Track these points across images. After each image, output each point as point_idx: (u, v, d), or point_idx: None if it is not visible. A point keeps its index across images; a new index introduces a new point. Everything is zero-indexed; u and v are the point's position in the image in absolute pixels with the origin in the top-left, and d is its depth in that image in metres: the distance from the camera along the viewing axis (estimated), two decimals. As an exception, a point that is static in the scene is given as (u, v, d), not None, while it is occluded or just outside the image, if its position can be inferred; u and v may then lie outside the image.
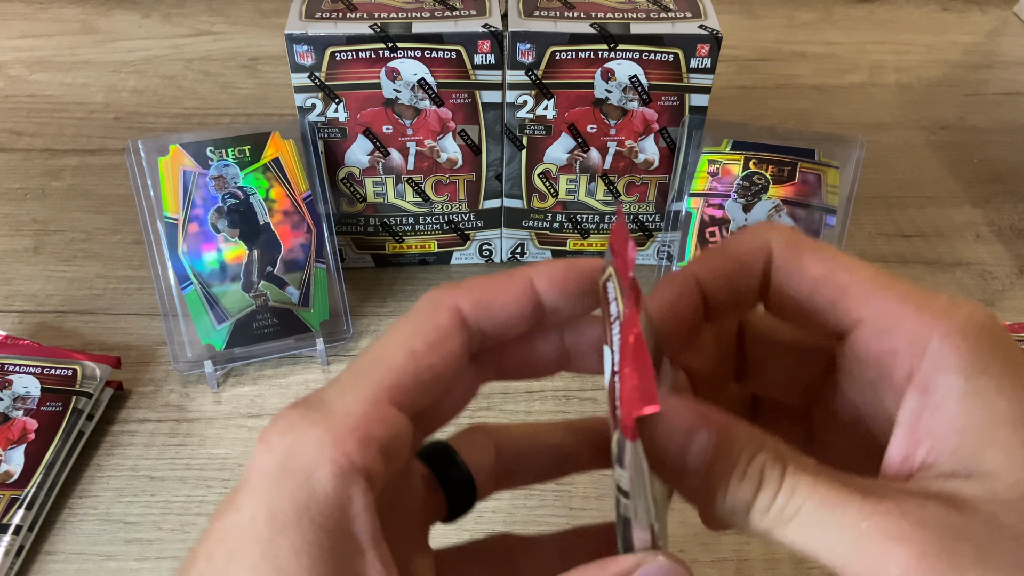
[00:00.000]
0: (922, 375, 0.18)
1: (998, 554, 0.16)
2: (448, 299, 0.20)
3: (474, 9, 0.43)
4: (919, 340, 0.18)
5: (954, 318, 0.18)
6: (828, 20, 0.75)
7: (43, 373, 0.41)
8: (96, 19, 0.72)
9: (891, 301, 0.18)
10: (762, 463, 0.17)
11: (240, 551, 0.17)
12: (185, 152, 0.43)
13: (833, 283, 0.19)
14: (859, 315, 0.19)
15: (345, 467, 0.17)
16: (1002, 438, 0.17)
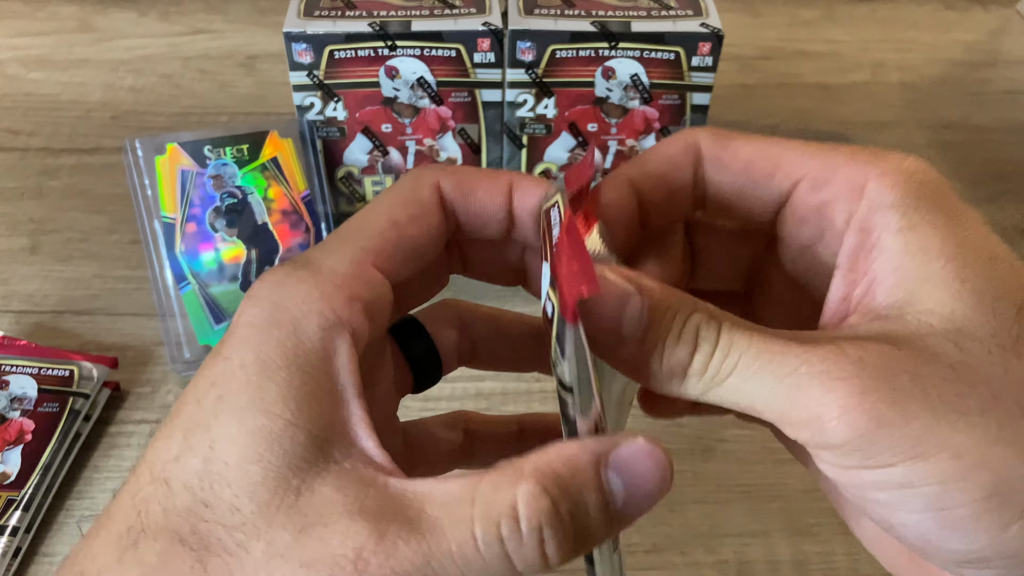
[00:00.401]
0: (859, 216, 0.18)
1: (936, 384, 0.16)
2: (432, 176, 0.21)
3: (474, 7, 0.43)
4: (856, 183, 0.18)
5: (889, 161, 0.18)
6: (830, 18, 0.75)
7: (40, 374, 0.41)
8: (93, 17, 0.71)
9: (826, 157, 0.19)
10: (697, 323, 0.18)
11: (229, 395, 0.17)
12: (183, 151, 0.43)
13: (766, 157, 0.19)
14: (796, 175, 0.19)
15: (331, 320, 0.18)
16: (935, 271, 0.17)
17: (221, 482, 0.17)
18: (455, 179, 0.21)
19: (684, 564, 0.37)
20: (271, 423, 0.17)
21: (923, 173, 0.18)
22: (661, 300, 0.18)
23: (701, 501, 0.39)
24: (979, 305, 0.17)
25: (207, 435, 0.17)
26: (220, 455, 0.17)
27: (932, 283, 0.17)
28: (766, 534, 0.38)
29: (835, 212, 0.18)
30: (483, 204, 0.21)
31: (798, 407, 0.17)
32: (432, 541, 0.16)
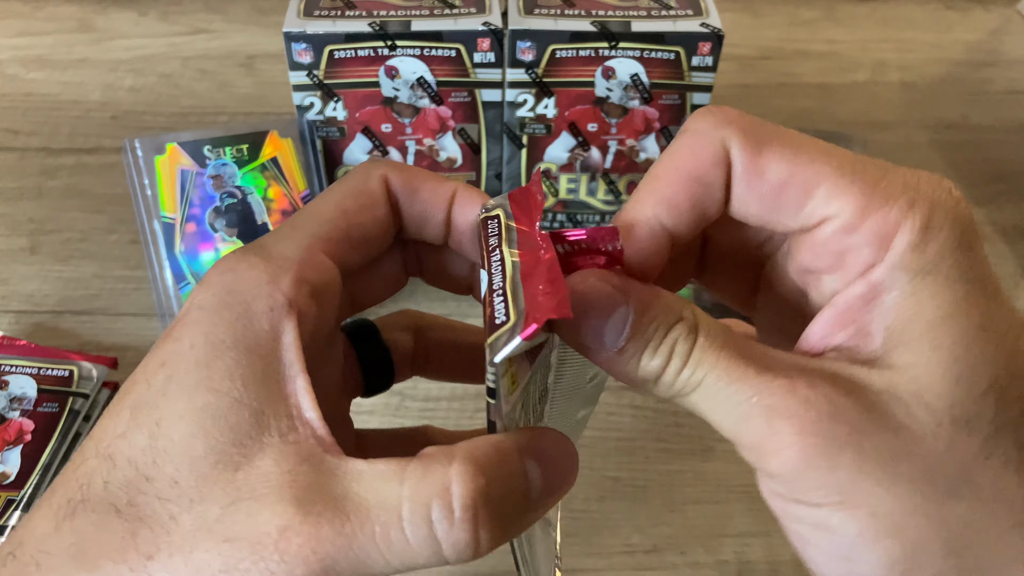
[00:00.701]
0: (877, 270, 0.18)
1: (873, 442, 0.16)
2: (381, 169, 0.21)
3: (474, 7, 0.43)
4: (884, 235, 0.17)
5: (916, 214, 0.17)
6: (830, 18, 0.74)
7: (39, 374, 0.41)
8: (93, 17, 0.71)
9: (860, 197, 0.18)
10: (675, 338, 0.18)
11: (178, 374, 0.18)
12: (182, 151, 0.43)
13: (798, 183, 0.18)
14: (827, 212, 0.18)
15: (280, 302, 0.18)
16: (915, 337, 0.17)
17: (164, 457, 0.17)
18: (403, 176, 0.21)
19: (684, 564, 0.37)
20: (218, 400, 0.18)
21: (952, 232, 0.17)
22: (647, 309, 0.18)
23: (701, 501, 0.39)
24: (945, 376, 0.17)
25: (154, 412, 0.18)
26: (166, 431, 0.17)
27: (910, 346, 0.17)
28: (766, 534, 0.38)
29: (856, 258, 0.18)
30: (424, 205, 0.21)
31: (745, 432, 0.17)
32: (356, 522, 0.16)
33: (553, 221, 0.49)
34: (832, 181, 0.18)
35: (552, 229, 0.19)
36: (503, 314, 0.18)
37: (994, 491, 0.16)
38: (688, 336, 0.18)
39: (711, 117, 0.19)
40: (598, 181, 0.47)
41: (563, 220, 0.49)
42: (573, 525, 0.38)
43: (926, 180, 0.18)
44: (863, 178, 0.18)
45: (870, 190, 0.18)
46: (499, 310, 0.18)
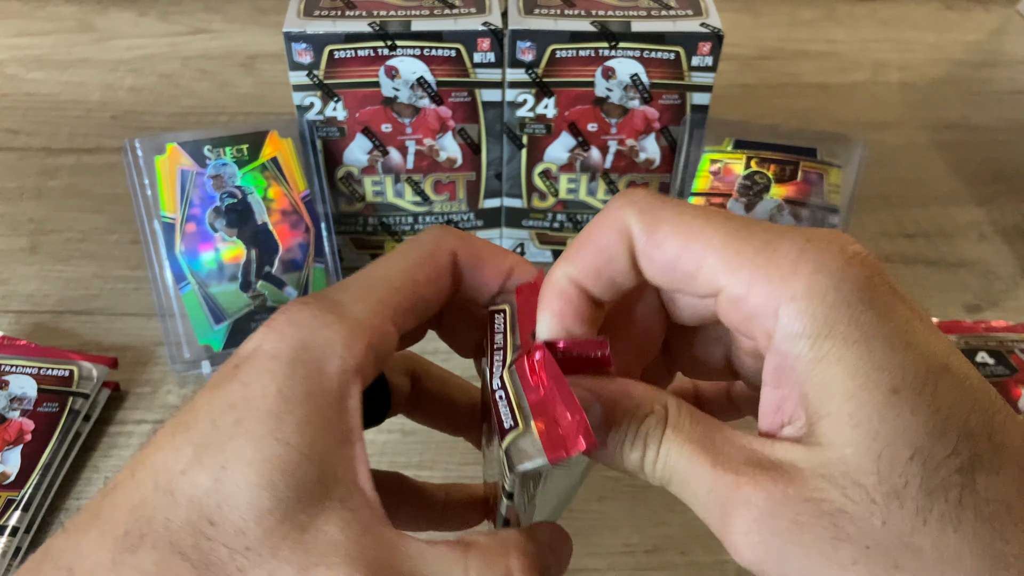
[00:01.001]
0: (775, 341, 0.18)
1: (815, 532, 0.17)
2: (450, 242, 0.22)
3: (474, 7, 0.43)
4: (770, 306, 0.18)
5: (800, 277, 0.17)
6: (831, 18, 0.74)
7: (40, 374, 0.41)
8: (93, 17, 0.71)
9: (742, 268, 0.18)
10: (646, 431, 0.19)
11: (248, 420, 0.18)
12: (182, 151, 0.43)
13: (689, 257, 0.19)
14: (716, 285, 0.19)
15: (351, 365, 0.19)
16: (834, 409, 0.17)
17: (230, 503, 0.17)
18: (471, 250, 0.22)
19: (684, 564, 0.37)
20: (287, 454, 0.18)
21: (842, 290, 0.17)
22: (616, 405, 0.19)
23: (701, 501, 0.39)
24: (869, 451, 0.17)
25: (220, 455, 0.18)
26: (232, 477, 0.17)
27: (830, 420, 0.17)
28: (766, 534, 0.38)
29: (755, 329, 0.18)
30: (486, 279, 0.23)
31: (710, 523, 0.19)
32: None
33: (553, 221, 0.49)
34: (718, 254, 0.18)
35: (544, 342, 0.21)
36: (510, 419, 0.19)
37: (936, 553, 0.16)
38: (657, 427, 0.19)
39: (620, 199, 0.20)
40: (598, 181, 0.47)
41: (563, 220, 0.49)
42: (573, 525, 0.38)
43: (816, 242, 0.18)
44: (748, 248, 0.18)
45: (752, 261, 0.18)
46: (505, 414, 0.19)
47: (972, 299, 0.49)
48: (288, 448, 0.18)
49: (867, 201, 0.55)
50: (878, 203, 0.56)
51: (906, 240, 0.53)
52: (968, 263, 0.52)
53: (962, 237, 0.54)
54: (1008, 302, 0.49)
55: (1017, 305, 0.49)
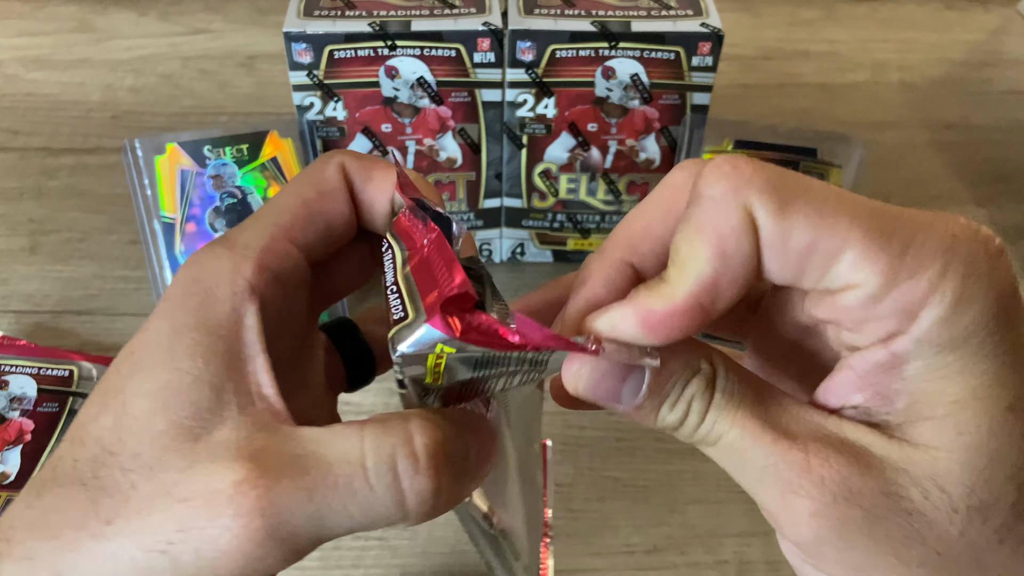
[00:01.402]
0: (900, 342, 0.17)
1: (886, 524, 0.16)
2: (337, 158, 0.22)
3: (474, 7, 0.43)
4: (911, 308, 0.16)
5: (949, 287, 0.16)
6: (831, 18, 0.74)
7: (39, 374, 0.41)
8: (93, 17, 0.71)
9: (884, 266, 0.16)
10: (691, 394, 0.18)
11: (144, 357, 0.19)
12: (182, 151, 0.43)
13: (824, 249, 0.17)
14: (853, 279, 0.17)
15: (241, 286, 0.19)
16: (939, 416, 0.17)
17: (127, 433, 0.18)
18: (359, 163, 0.22)
19: (684, 564, 0.37)
20: (179, 378, 0.18)
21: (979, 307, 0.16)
22: (663, 367, 0.18)
23: (701, 501, 0.39)
24: (967, 463, 0.16)
25: (121, 395, 0.19)
26: (131, 410, 0.18)
27: (931, 425, 0.17)
28: (766, 534, 0.38)
29: (878, 327, 0.17)
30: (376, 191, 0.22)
31: (762, 498, 0.18)
32: (317, 475, 0.17)
33: (553, 221, 0.49)
34: (860, 247, 0.16)
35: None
36: (400, 310, 0.18)
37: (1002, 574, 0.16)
38: (705, 392, 0.18)
39: (726, 181, 0.17)
40: (598, 181, 0.47)
41: (563, 220, 0.49)
42: (573, 525, 0.38)
43: (963, 238, 0.16)
44: (892, 243, 0.16)
45: (898, 258, 0.16)
46: (396, 307, 0.18)
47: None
48: (180, 373, 0.18)
49: (867, 201, 0.55)
50: (878, 203, 0.56)
51: (906, 240, 0.53)
52: (968, 263, 0.52)
53: (962, 237, 0.54)
54: (1008, 302, 0.49)
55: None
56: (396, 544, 0.37)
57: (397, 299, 0.18)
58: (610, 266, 0.20)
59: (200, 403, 0.18)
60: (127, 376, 0.19)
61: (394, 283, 0.19)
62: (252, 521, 0.17)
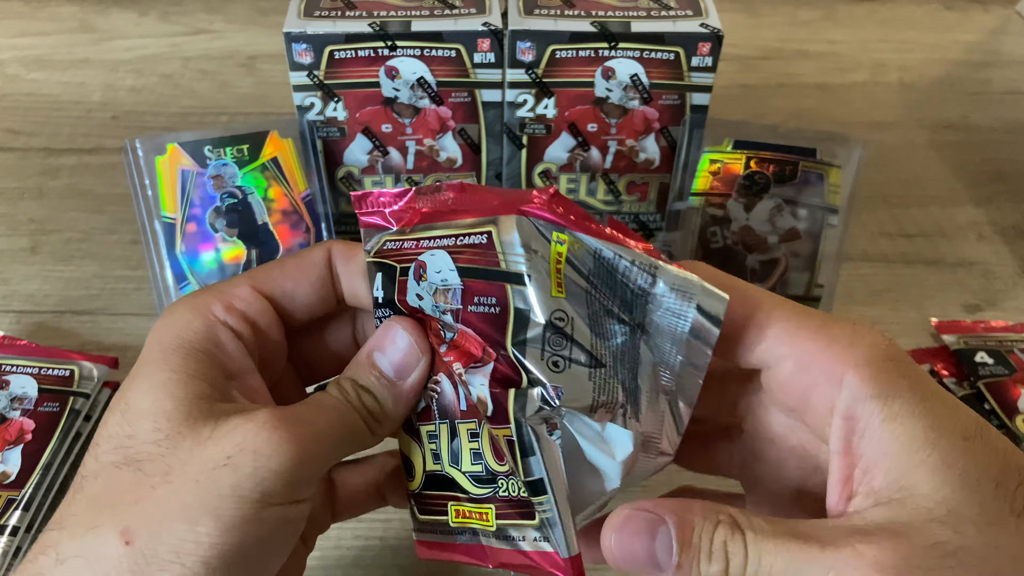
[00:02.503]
0: (843, 405, 0.20)
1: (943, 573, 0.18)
2: (327, 243, 0.26)
3: (474, 7, 0.43)
4: (835, 374, 0.20)
5: (860, 349, 0.20)
6: (830, 18, 0.75)
7: (40, 373, 0.41)
8: (93, 17, 0.71)
9: (806, 340, 0.21)
10: (723, 539, 0.20)
11: (141, 369, 0.22)
12: (183, 151, 0.43)
13: (754, 325, 0.21)
14: (780, 353, 0.21)
15: (211, 318, 0.23)
16: (924, 458, 0.19)
17: (138, 418, 0.21)
18: (343, 247, 0.25)
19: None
20: (176, 375, 0.22)
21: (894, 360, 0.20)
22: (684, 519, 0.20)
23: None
24: (964, 487, 0.19)
25: (124, 397, 0.22)
26: (135, 404, 0.22)
27: (923, 470, 0.19)
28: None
29: (817, 397, 0.21)
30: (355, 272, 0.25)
31: None
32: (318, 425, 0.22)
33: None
34: (782, 324, 0.21)
35: None
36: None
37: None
38: (735, 535, 0.20)
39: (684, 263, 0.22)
40: (598, 181, 0.47)
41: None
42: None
43: (860, 327, 0.21)
44: (808, 322, 0.21)
45: (814, 334, 0.21)
46: None
47: (971, 299, 0.50)
48: (175, 372, 0.22)
49: (866, 201, 0.55)
50: (877, 203, 0.56)
51: (905, 240, 0.53)
52: (967, 263, 0.52)
53: (961, 237, 0.54)
54: (1007, 302, 0.49)
55: (1016, 305, 0.49)
56: (396, 544, 0.37)
57: None
58: None
59: (201, 391, 0.22)
60: (125, 388, 0.22)
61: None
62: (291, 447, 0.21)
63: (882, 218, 0.55)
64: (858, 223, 0.54)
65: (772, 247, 0.43)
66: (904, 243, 0.53)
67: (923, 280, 0.51)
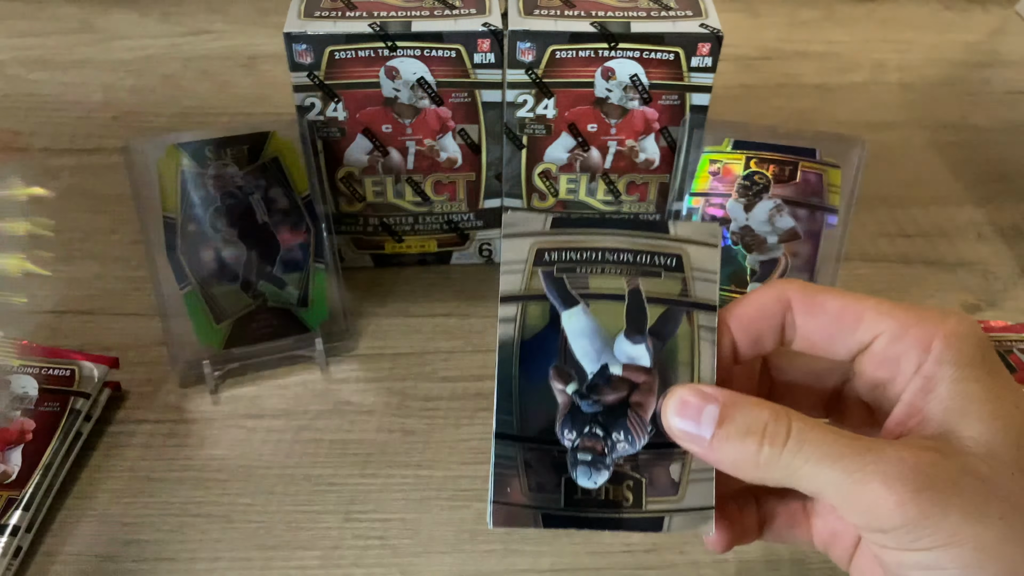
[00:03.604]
0: (926, 366, 0.23)
1: (970, 491, 0.21)
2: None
3: (474, 8, 0.43)
4: (924, 341, 0.24)
5: (948, 324, 0.23)
6: (830, 19, 0.75)
7: (41, 373, 0.41)
8: (94, 18, 0.71)
9: (900, 317, 0.24)
10: (764, 420, 0.23)
11: None
12: (183, 151, 0.43)
13: (852, 311, 0.25)
14: (876, 330, 0.24)
15: None
16: (975, 410, 0.23)
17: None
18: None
19: (684, 564, 0.37)
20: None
21: (974, 337, 0.23)
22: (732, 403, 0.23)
23: (700, 500, 0.39)
24: (1007, 438, 0.22)
25: None
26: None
27: (972, 418, 0.22)
28: (765, 533, 0.38)
29: (906, 361, 0.24)
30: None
31: (862, 497, 0.21)
32: None
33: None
34: (875, 310, 0.24)
35: None
36: None
37: None
38: (780, 419, 0.22)
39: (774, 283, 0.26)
40: (598, 181, 0.48)
41: (563, 220, 0.49)
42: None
43: (949, 310, 0.24)
44: (898, 308, 0.24)
45: (904, 314, 0.24)
46: None
47: (971, 299, 0.50)
48: None
49: (866, 201, 0.55)
50: (877, 203, 0.56)
51: (905, 240, 0.54)
52: (967, 263, 0.52)
53: (961, 237, 0.54)
54: (1007, 302, 0.49)
55: (1016, 305, 0.49)
56: (396, 543, 0.37)
57: None
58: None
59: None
60: None
61: None
62: None
63: (882, 218, 0.55)
64: (858, 223, 0.54)
65: (772, 247, 0.44)
66: (904, 243, 0.53)
67: (923, 280, 0.51)
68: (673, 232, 0.26)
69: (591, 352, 0.25)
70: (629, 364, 0.25)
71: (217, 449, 0.41)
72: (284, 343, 0.44)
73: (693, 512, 0.25)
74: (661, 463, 0.25)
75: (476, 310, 0.48)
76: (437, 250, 0.51)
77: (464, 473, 0.40)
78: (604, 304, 0.26)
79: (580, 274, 0.26)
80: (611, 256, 0.26)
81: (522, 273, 0.26)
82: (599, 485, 0.25)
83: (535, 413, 0.25)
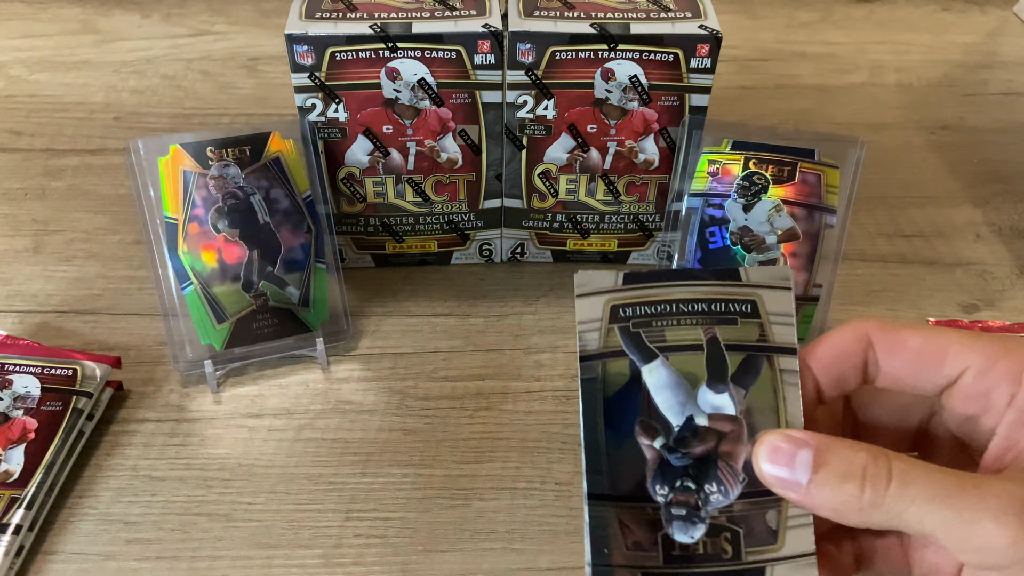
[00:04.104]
0: (1019, 398, 0.23)
1: None
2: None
3: (474, 9, 0.43)
4: (1015, 373, 0.23)
5: None
6: (828, 20, 0.75)
7: (43, 373, 0.41)
8: (96, 19, 0.72)
9: (986, 349, 0.24)
10: (863, 462, 0.22)
11: None
12: (185, 152, 0.43)
13: (935, 347, 0.24)
14: (963, 365, 0.24)
15: None
16: None
17: None
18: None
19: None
20: None
21: None
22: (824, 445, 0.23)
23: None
24: None
25: None
26: None
27: None
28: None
29: (997, 394, 0.24)
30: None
31: (974, 536, 0.21)
32: None
33: (553, 222, 0.50)
34: (959, 344, 0.24)
35: None
36: None
37: None
38: (879, 460, 0.22)
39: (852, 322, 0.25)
40: (597, 182, 0.48)
41: (563, 220, 0.50)
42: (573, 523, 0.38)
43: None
44: (981, 340, 0.24)
45: (990, 346, 0.24)
46: None
47: (969, 299, 0.50)
48: None
49: (865, 202, 0.56)
50: (876, 204, 0.56)
51: (903, 240, 0.54)
52: (965, 263, 0.52)
53: (959, 237, 0.54)
54: (1005, 302, 0.50)
55: (1013, 305, 0.49)
56: (397, 542, 0.37)
57: None
58: None
59: None
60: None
61: None
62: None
63: (880, 218, 0.55)
64: (856, 224, 0.54)
65: (770, 247, 0.44)
66: (902, 243, 0.54)
67: (921, 280, 0.51)
68: (745, 278, 0.26)
69: (675, 405, 0.25)
70: (714, 414, 0.25)
71: (218, 448, 0.41)
72: (285, 343, 0.45)
73: (794, 560, 0.24)
74: (757, 512, 0.24)
75: (476, 310, 0.49)
76: (437, 250, 0.51)
77: (464, 472, 0.40)
78: (683, 356, 0.25)
79: (656, 327, 0.25)
80: (685, 307, 0.25)
81: (599, 331, 0.25)
82: (696, 539, 0.24)
83: (625, 471, 0.25)
